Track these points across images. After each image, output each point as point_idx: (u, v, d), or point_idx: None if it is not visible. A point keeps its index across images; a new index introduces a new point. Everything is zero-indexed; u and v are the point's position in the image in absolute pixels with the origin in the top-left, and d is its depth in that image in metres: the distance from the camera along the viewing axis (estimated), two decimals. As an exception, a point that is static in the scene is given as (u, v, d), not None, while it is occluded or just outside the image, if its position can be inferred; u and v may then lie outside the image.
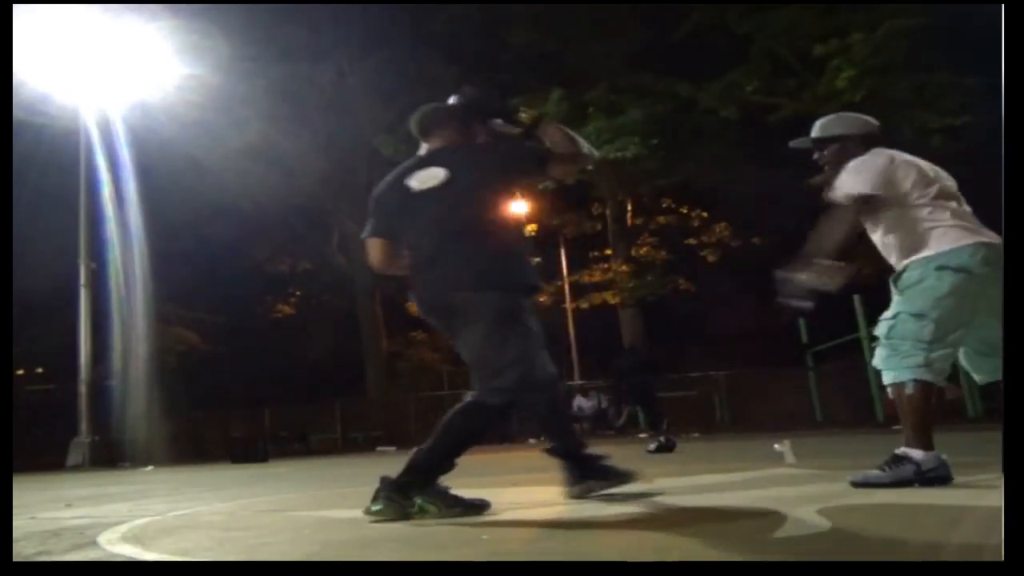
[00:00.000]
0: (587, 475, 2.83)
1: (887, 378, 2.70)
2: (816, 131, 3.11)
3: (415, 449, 2.53)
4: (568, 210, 21.83)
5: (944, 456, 2.61)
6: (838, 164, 2.93)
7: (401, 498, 2.41)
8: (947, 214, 2.70)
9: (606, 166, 17.89)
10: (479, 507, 2.52)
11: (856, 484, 2.68)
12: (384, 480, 2.46)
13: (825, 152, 3.05)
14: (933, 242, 2.69)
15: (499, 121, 2.94)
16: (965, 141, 14.12)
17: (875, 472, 2.65)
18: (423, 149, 2.99)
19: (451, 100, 3.03)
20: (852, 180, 2.78)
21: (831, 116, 3.14)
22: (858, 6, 15.34)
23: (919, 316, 2.64)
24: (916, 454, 2.59)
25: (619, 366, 12.54)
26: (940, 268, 2.63)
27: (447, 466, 2.52)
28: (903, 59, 14.84)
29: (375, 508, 2.42)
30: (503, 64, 19.90)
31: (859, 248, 2.99)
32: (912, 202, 2.74)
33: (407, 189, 2.82)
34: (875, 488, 2.58)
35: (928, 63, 14.75)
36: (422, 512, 2.39)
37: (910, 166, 2.79)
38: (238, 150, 18.79)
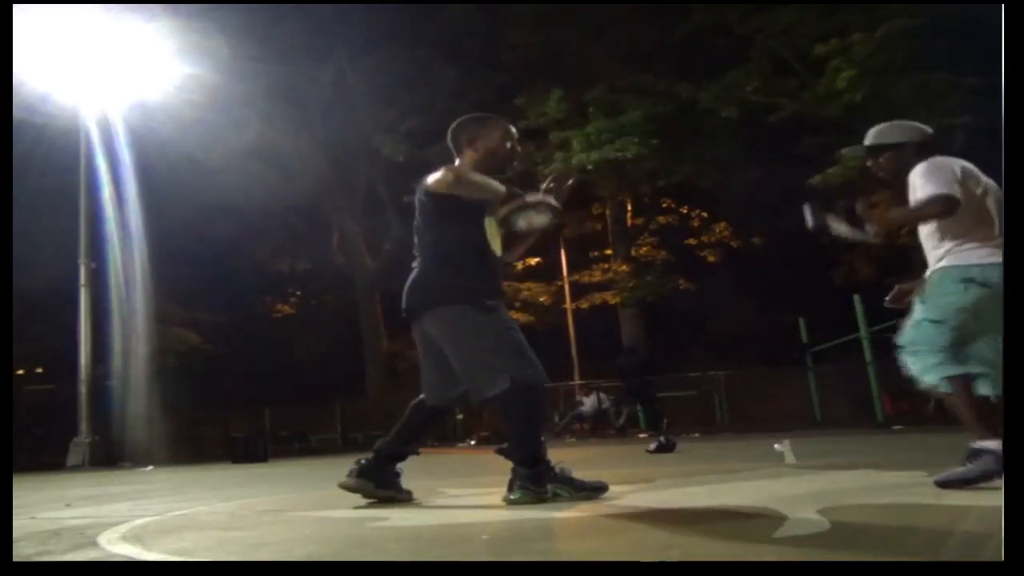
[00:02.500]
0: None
1: (926, 383, 2.72)
2: (871, 138, 3.04)
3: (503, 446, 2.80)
4: (568, 210, 21.79)
5: None
6: (892, 173, 2.93)
7: (536, 487, 2.68)
8: (985, 229, 2.70)
9: (606, 166, 17.89)
10: (600, 489, 2.81)
11: (940, 483, 2.58)
12: (518, 471, 2.71)
13: (880, 160, 3.00)
14: (965, 253, 2.69)
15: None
16: (965, 141, 14.12)
17: (959, 470, 2.57)
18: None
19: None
20: (935, 183, 2.70)
21: (887, 124, 3.06)
22: (858, 6, 15.34)
23: (938, 323, 2.66)
24: (991, 444, 2.51)
25: (619, 366, 12.57)
26: (966, 280, 2.64)
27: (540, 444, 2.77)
28: (903, 59, 14.84)
29: (513, 497, 2.67)
30: (503, 64, 19.90)
31: (857, 249, 2.99)
32: (963, 212, 2.69)
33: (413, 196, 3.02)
34: (962, 486, 2.50)
35: (928, 63, 14.75)
36: (556, 497, 2.68)
37: (971, 175, 2.77)
38: (238, 150, 18.78)
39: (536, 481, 2.68)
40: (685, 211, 23.36)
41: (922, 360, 2.69)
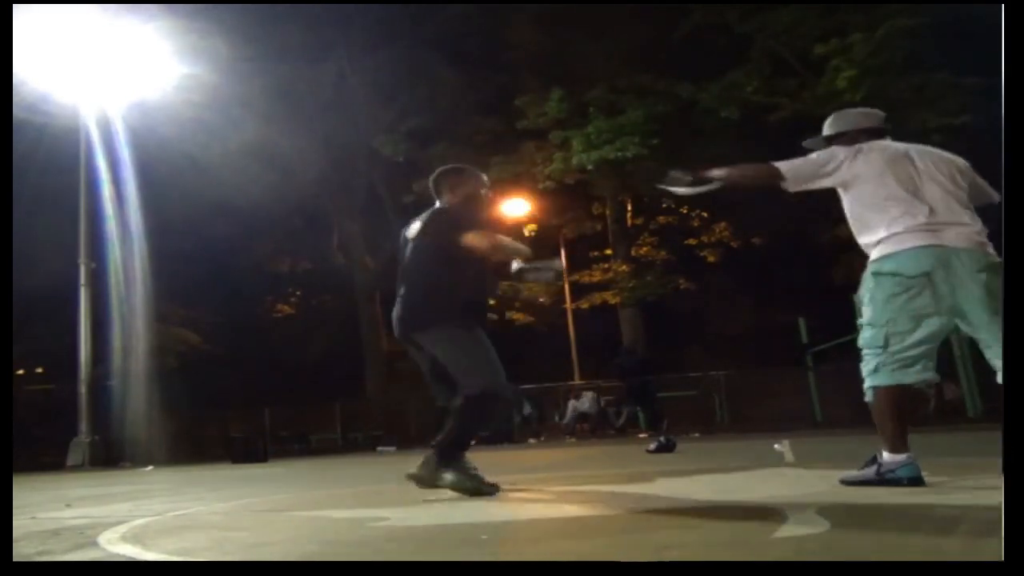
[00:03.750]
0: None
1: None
2: (825, 128, 3.07)
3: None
4: (568, 210, 21.84)
5: (910, 457, 2.64)
6: None
7: (432, 471, 3.09)
8: (895, 213, 2.69)
9: (606, 166, 17.90)
10: (493, 488, 3.07)
11: (842, 480, 2.81)
12: (436, 456, 3.12)
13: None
14: (877, 248, 2.72)
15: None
16: (965, 141, 14.13)
17: (853, 472, 2.79)
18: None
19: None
20: (801, 160, 2.84)
21: (837, 113, 3.09)
22: (858, 6, 15.34)
23: (871, 324, 2.75)
24: (884, 455, 2.68)
25: (618, 366, 12.56)
26: (876, 274, 2.71)
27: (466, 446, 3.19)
28: (903, 59, 14.84)
29: (413, 473, 3.14)
30: (503, 64, 19.91)
31: (858, 248, 2.99)
32: (869, 201, 2.76)
33: (404, 233, 3.47)
34: (853, 486, 2.70)
35: (928, 63, 14.75)
36: (445, 483, 3.05)
37: (894, 159, 2.76)
38: (238, 150, 18.79)
39: (446, 468, 3.06)
40: (685, 211, 23.36)
41: (865, 365, 2.78)
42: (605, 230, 21.92)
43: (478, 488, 3.02)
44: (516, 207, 20.03)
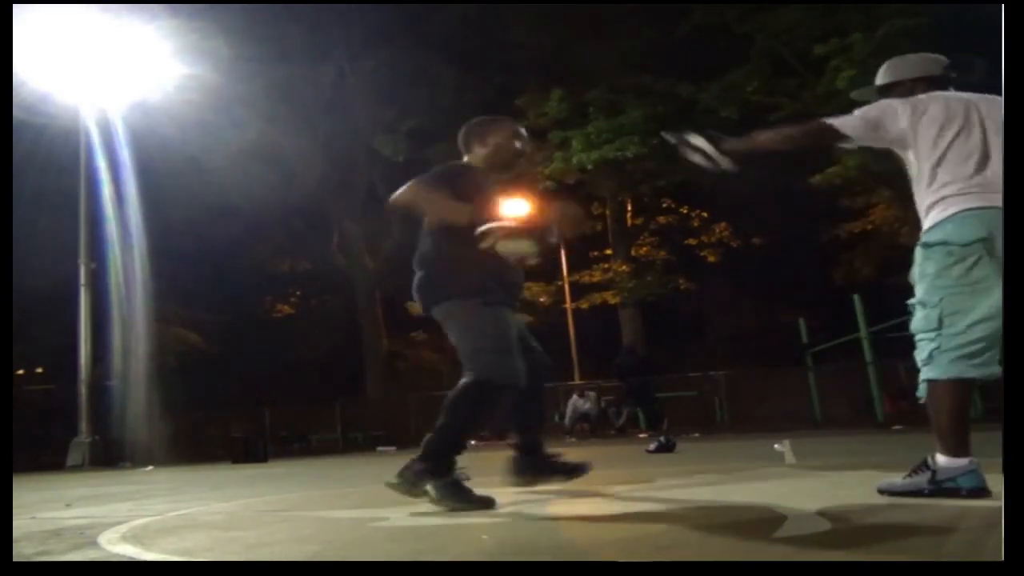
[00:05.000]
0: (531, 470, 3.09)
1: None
2: (878, 77, 2.67)
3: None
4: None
5: (973, 463, 2.24)
6: None
7: (413, 480, 2.66)
8: (946, 177, 2.31)
9: (606, 166, 17.90)
10: (486, 504, 2.63)
11: (880, 490, 2.43)
12: (421, 462, 2.68)
13: None
14: (928, 215, 2.36)
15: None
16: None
17: (897, 480, 2.38)
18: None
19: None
20: (854, 113, 2.45)
21: (893, 59, 2.67)
22: (858, 6, 15.34)
23: (922, 304, 2.35)
24: (938, 459, 2.27)
25: (618, 366, 12.56)
26: (924, 246, 2.35)
27: (459, 448, 2.74)
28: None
29: (394, 481, 2.69)
30: (503, 64, 19.91)
31: (857, 248, 2.96)
32: (924, 162, 2.37)
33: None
34: (896, 496, 2.34)
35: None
36: (427, 496, 2.62)
37: (932, 119, 2.36)
38: (238, 150, 18.79)
39: (430, 478, 2.63)
40: (685, 211, 23.36)
41: (919, 353, 2.35)
42: (605, 230, 21.92)
43: (464, 507, 2.57)
44: (516, 207, 20.01)
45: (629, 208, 21.87)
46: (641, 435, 12.42)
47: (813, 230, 20.21)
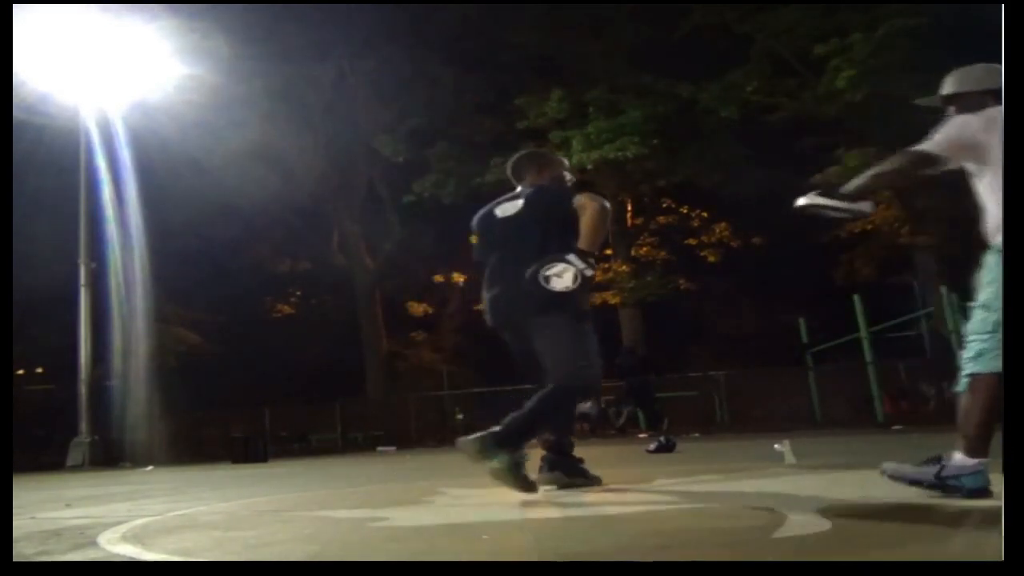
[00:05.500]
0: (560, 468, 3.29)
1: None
2: (945, 86, 2.64)
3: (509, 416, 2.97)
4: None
5: (982, 464, 2.28)
6: None
7: (486, 448, 2.86)
8: None
9: (606, 166, 17.89)
10: (529, 487, 2.91)
11: (883, 471, 2.49)
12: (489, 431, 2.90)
13: (954, 111, 2.58)
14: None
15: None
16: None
17: (907, 467, 2.42)
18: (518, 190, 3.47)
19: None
20: (931, 138, 2.41)
21: (960, 69, 2.65)
22: (858, 6, 15.33)
23: (984, 307, 2.34)
24: (954, 456, 2.32)
25: (618, 366, 12.56)
26: (999, 251, 2.31)
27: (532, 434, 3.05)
28: (903, 59, 14.83)
29: (467, 440, 2.90)
30: (503, 64, 19.89)
31: (857, 248, 2.97)
32: (994, 181, 2.35)
33: (493, 216, 3.34)
34: (898, 482, 2.40)
35: (928, 63, 14.73)
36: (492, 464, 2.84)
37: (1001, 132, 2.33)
38: (238, 150, 18.78)
39: (498, 451, 2.84)
40: (685, 211, 23.35)
41: (967, 352, 2.36)
42: (605, 230, 21.89)
43: (517, 485, 2.87)
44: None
45: (629, 208, 21.85)
46: (641, 435, 12.42)
47: (813, 230, 20.21)
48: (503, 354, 3.32)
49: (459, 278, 25.10)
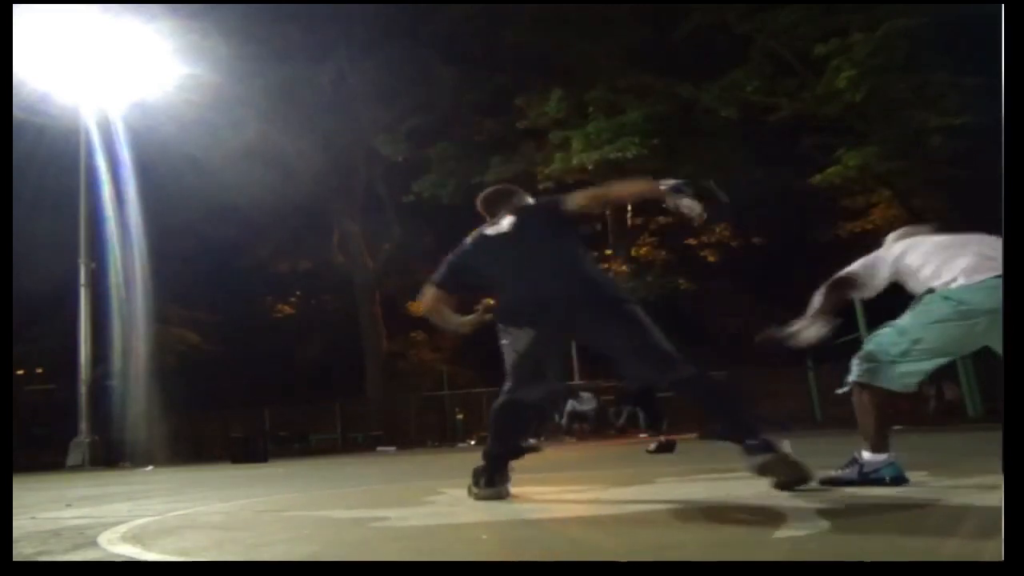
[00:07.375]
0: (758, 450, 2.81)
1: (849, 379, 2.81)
2: None
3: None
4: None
5: (892, 456, 2.67)
6: None
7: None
8: (974, 248, 2.65)
9: (606, 166, 17.89)
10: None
11: (822, 481, 2.74)
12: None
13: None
14: (954, 277, 2.61)
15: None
16: (965, 141, 14.12)
17: (833, 472, 2.77)
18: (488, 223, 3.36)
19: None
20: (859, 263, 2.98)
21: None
22: (858, 6, 15.33)
23: (901, 331, 2.66)
24: (864, 455, 2.71)
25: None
26: (945, 298, 2.58)
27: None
28: (903, 59, 14.83)
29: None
30: (503, 64, 19.89)
31: (858, 248, 3.00)
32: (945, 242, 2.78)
33: (482, 235, 3.20)
34: (836, 487, 2.67)
35: (928, 63, 14.74)
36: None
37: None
38: (238, 150, 18.78)
39: (755, 454, 2.69)
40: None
41: (862, 356, 2.75)
42: (605, 230, 21.91)
43: (799, 477, 2.61)
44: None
45: (629, 208, 21.86)
46: (641, 435, 12.42)
47: (813, 230, 20.20)
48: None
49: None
